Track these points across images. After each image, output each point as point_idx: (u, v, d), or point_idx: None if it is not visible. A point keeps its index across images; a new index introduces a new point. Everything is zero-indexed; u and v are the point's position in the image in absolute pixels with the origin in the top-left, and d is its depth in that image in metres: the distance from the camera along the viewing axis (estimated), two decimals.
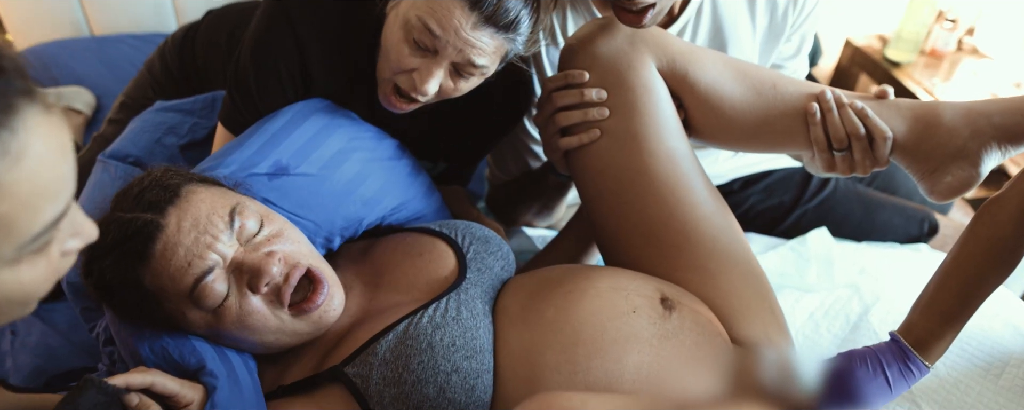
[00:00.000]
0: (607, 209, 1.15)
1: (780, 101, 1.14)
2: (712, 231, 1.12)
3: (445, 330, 0.95)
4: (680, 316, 1.00)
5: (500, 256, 1.13)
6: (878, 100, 1.12)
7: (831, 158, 1.13)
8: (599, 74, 1.13)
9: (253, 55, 1.16)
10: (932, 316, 1.04)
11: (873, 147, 1.10)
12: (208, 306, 0.92)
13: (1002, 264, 1.02)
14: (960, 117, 1.07)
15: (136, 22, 2.10)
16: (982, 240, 1.03)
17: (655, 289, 1.02)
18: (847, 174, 1.13)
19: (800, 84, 1.15)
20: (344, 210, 1.16)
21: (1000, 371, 1.25)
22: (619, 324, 0.96)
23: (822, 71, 2.71)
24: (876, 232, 1.61)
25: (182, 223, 0.91)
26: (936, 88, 2.33)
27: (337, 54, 1.18)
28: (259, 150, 1.12)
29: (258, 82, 1.17)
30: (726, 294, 1.11)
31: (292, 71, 1.17)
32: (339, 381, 0.93)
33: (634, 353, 0.93)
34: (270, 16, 1.16)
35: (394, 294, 1.06)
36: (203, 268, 0.90)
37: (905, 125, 1.09)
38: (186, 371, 0.94)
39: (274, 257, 0.94)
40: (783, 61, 1.46)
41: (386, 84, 1.14)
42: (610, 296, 0.99)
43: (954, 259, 1.05)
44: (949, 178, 1.08)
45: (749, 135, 1.16)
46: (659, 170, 1.12)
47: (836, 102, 1.10)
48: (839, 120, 1.10)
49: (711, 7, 1.29)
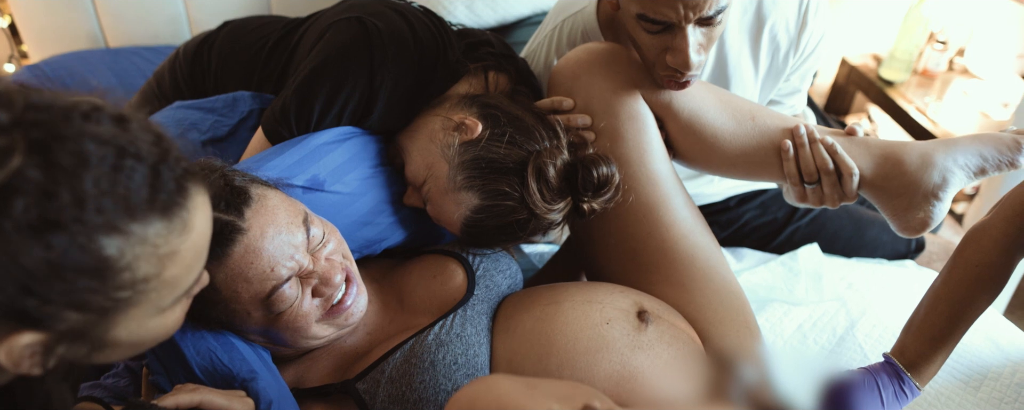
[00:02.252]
0: (591, 227, 1.21)
1: (758, 133, 1.20)
2: (690, 249, 1.18)
3: (448, 347, 0.99)
4: (657, 329, 1.05)
5: (509, 275, 1.18)
6: (848, 137, 1.18)
7: (803, 190, 1.19)
8: (584, 100, 1.18)
9: (326, 80, 1.17)
10: (924, 340, 1.09)
11: (841, 182, 1.16)
12: (278, 310, 0.95)
13: (989, 288, 1.08)
14: (926, 157, 1.14)
15: (151, 34, 2.12)
16: (970, 266, 1.08)
17: (633, 303, 1.08)
18: (818, 206, 1.20)
19: (778, 118, 1.22)
20: (367, 231, 1.19)
21: (979, 384, 1.30)
22: (591, 335, 1.01)
23: (819, 89, 2.76)
24: (865, 248, 1.66)
25: (266, 229, 0.93)
26: (928, 107, 2.39)
27: (399, 103, 1.21)
28: (299, 162, 1.14)
29: (323, 107, 1.17)
30: (701, 308, 1.17)
31: (357, 105, 1.19)
32: (349, 395, 0.98)
33: (605, 362, 0.99)
34: (354, 45, 1.17)
35: (411, 316, 1.11)
36: (285, 275, 0.93)
37: (873, 162, 1.16)
38: (234, 378, 0.96)
39: (336, 265, 0.98)
40: (781, 97, 1.51)
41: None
42: (585, 308, 1.05)
43: (944, 283, 1.10)
44: (920, 214, 1.15)
45: (728, 163, 1.22)
46: (640, 192, 1.17)
47: (809, 138, 1.17)
48: (810, 155, 1.16)
49: (716, 49, 1.33)
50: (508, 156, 1.10)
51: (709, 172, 1.29)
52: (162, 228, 0.61)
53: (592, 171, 1.10)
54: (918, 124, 2.35)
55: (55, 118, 0.58)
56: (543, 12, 1.98)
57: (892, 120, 2.49)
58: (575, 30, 1.33)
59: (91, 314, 0.60)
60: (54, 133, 0.57)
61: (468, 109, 1.17)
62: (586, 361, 0.99)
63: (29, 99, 0.58)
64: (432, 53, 1.21)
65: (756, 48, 1.35)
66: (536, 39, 1.41)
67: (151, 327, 0.67)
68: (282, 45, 1.37)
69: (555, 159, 1.10)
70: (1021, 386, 1.29)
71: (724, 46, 1.33)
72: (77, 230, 0.56)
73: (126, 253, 0.59)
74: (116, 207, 0.58)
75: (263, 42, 1.40)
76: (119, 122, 0.61)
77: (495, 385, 0.72)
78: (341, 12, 1.24)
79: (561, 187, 1.11)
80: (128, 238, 0.59)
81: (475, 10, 1.91)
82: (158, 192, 0.60)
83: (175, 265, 0.63)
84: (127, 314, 0.62)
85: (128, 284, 0.60)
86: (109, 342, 0.64)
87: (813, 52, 1.39)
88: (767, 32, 1.33)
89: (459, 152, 1.12)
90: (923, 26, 2.37)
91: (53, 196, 0.55)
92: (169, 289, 0.64)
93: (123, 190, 0.58)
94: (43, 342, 0.60)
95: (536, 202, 1.09)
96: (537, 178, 1.09)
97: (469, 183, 1.11)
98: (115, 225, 0.58)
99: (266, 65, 1.38)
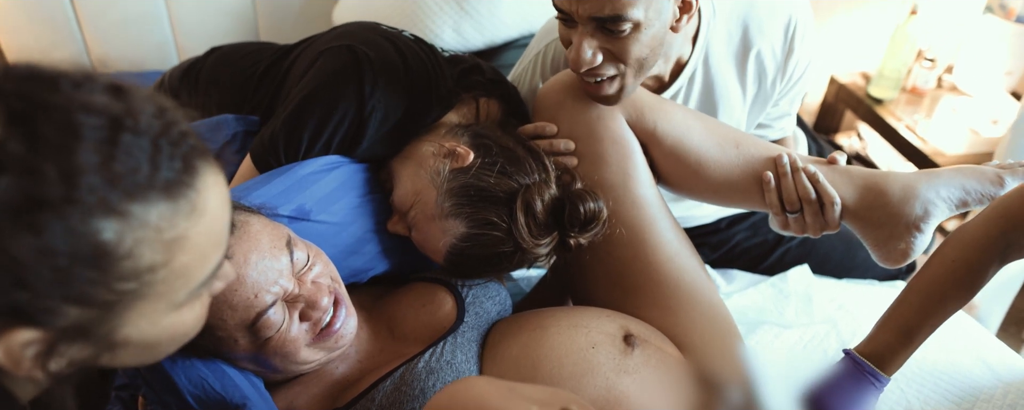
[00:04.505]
0: (577, 251, 1.20)
1: (742, 161, 1.20)
2: (675, 272, 1.18)
3: (438, 375, 0.99)
4: (643, 353, 1.05)
5: (498, 301, 1.18)
6: (830, 166, 1.18)
7: (785, 219, 1.19)
8: (568, 125, 1.18)
9: (316, 108, 1.16)
10: (891, 329, 1.09)
11: (823, 211, 1.16)
12: (265, 336, 0.93)
13: (963, 286, 1.07)
14: (908, 188, 1.14)
15: (138, 60, 2.12)
16: (947, 261, 1.07)
17: (620, 327, 1.08)
18: (800, 234, 1.20)
19: (762, 146, 1.22)
20: (354, 260, 1.18)
21: (971, 406, 1.30)
22: (576, 359, 1.01)
23: (808, 108, 2.77)
24: (856, 269, 1.66)
25: (249, 255, 0.92)
26: (918, 125, 2.39)
27: (389, 133, 1.20)
28: (285, 192, 1.13)
29: (312, 135, 1.16)
30: (687, 331, 1.16)
31: (346, 133, 1.18)
32: None
33: (590, 387, 0.99)
34: (344, 73, 1.16)
35: (401, 344, 1.10)
36: (269, 301, 0.92)
37: (855, 192, 1.16)
38: (228, 405, 0.94)
39: (323, 288, 0.97)
40: (771, 121, 1.51)
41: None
42: (570, 333, 1.05)
43: (919, 276, 1.10)
44: (901, 245, 1.15)
45: (712, 190, 1.22)
46: (625, 215, 1.17)
47: (791, 167, 1.17)
48: (792, 184, 1.16)
49: (703, 76, 1.33)
50: (498, 186, 1.10)
51: (693, 198, 1.29)
52: (167, 209, 0.55)
53: (579, 207, 1.09)
54: (907, 142, 2.35)
55: (40, 87, 0.52)
56: (530, 34, 1.98)
57: (881, 138, 2.49)
58: (559, 55, 1.33)
59: (93, 309, 0.54)
60: (38, 102, 0.51)
61: (460, 137, 1.17)
62: (572, 386, 0.99)
63: (8, 67, 0.53)
64: (424, 82, 1.21)
65: (743, 74, 1.35)
66: (521, 64, 1.41)
67: (165, 326, 0.61)
68: (272, 72, 1.37)
69: (543, 194, 1.10)
70: (1013, 408, 1.28)
71: (710, 72, 1.33)
72: (68, 212, 0.50)
73: (126, 238, 0.53)
74: (111, 185, 0.52)
75: (253, 69, 1.39)
76: (114, 92, 0.54)
77: (473, 385, 0.71)
78: (332, 40, 1.24)
79: (548, 222, 1.11)
80: (127, 221, 0.53)
81: (462, 33, 1.91)
82: (159, 169, 0.54)
83: (185, 253, 0.57)
84: (135, 309, 0.57)
85: (131, 274, 0.54)
86: (119, 342, 0.59)
87: (801, 78, 1.39)
88: (753, 58, 1.33)
89: (448, 178, 1.12)
90: (911, 44, 2.38)
91: (38, 172, 0.49)
92: (181, 281, 0.58)
93: (120, 166, 0.52)
94: (44, 341, 0.54)
95: (523, 236, 1.08)
96: (525, 212, 1.08)
97: (457, 210, 1.10)
98: (111, 206, 0.52)
99: (255, 92, 1.37)
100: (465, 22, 1.91)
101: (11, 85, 0.52)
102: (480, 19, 1.91)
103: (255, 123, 1.34)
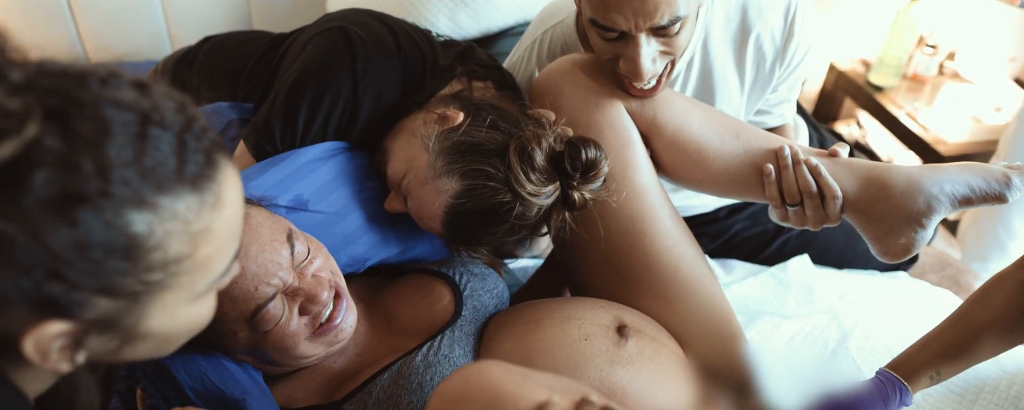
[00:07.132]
0: (574, 239, 1.19)
1: (742, 151, 1.18)
2: (673, 261, 1.17)
3: (436, 369, 0.98)
4: (637, 343, 1.04)
5: (495, 294, 1.17)
6: (832, 158, 1.16)
7: (785, 211, 1.18)
8: (568, 113, 1.17)
9: (309, 89, 1.15)
10: (932, 353, 1.11)
11: (824, 204, 1.14)
12: (264, 329, 0.93)
13: (1006, 339, 1.11)
14: (912, 182, 1.12)
15: (132, 49, 2.12)
16: (990, 308, 1.10)
17: (613, 318, 1.07)
18: (800, 227, 1.18)
19: (763, 138, 1.20)
20: (352, 250, 1.17)
21: (975, 397, 1.28)
22: (570, 351, 1.01)
23: (807, 95, 2.75)
24: (857, 260, 1.64)
25: (249, 247, 0.91)
26: (919, 112, 2.38)
27: (385, 112, 1.19)
28: (282, 181, 1.12)
29: (307, 117, 1.16)
30: (684, 320, 1.16)
31: (341, 114, 1.17)
32: None
33: (584, 379, 0.98)
34: (336, 54, 1.15)
35: (398, 337, 1.09)
36: (269, 294, 0.92)
37: (857, 186, 1.14)
38: (227, 399, 0.94)
39: (323, 282, 0.96)
40: (770, 107, 1.50)
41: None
42: (563, 326, 1.04)
43: (979, 308, 1.12)
44: (902, 240, 1.13)
45: (711, 180, 1.20)
46: (623, 204, 1.16)
47: (793, 159, 1.15)
48: (793, 177, 1.15)
49: (701, 61, 1.32)
50: (490, 138, 1.07)
51: (692, 188, 1.27)
52: (194, 202, 0.57)
53: (580, 149, 1.06)
54: (908, 130, 2.34)
55: (71, 83, 0.53)
56: (526, 22, 1.96)
57: (882, 126, 2.47)
58: (556, 42, 1.31)
59: (122, 300, 0.56)
60: (72, 99, 0.52)
61: (450, 104, 1.15)
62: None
63: (41, 64, 0.54)
64: (417, 62, 1.20)
65: (741, 59, 1.33)
66: (517, 51, 1.39)
67: (184, 317, 0.63)
68: (265, 60, 1.36)
69: (540, 141, 1.07)
70: (1018, 399, 1.27)
71: (709, 56, 1.31)
72: (103, 205, 0.52)
73: (156, 230, 0.54)
74: (143, 179, 0.53)
75: (246, 58, 1.39)
76: (139, 88, 0.56)
77: (487, 370, 0.69)
78: (323, 23, 1.23)
79: (547, 170, 1.07)
80: (158, 213, 0.54)
81: (457, 21, 1.90)
82: (186, 163, 0.56)
83: (208, 244, 0.59)
84: (160, 300, 0.58)
85: (160, 265, 0.56)
86: (141, 334, 0.60)
87: (800, 63, 1.38)
88: (752, 42, 1.31)
89: (439, 139, 1.10)
90: (912, 30, 2.36)
91: (75, 167, 0.51)
92: (202, 272, 0.60)
93: (149, 160, 0.54)
94: (72, 332, 0.56)
95: (520, 182, 1.05)
96: (520, 157, 1.05)
97: (449, 168, 1.08)
98: (143, 198, 0.53)
99: (249, 81, 1.36)
100: (460, 9, 1.89)
101: (46, 81, 0.53)
102: (475, 6, 1.90)
103: (250, 110, 1.33)
